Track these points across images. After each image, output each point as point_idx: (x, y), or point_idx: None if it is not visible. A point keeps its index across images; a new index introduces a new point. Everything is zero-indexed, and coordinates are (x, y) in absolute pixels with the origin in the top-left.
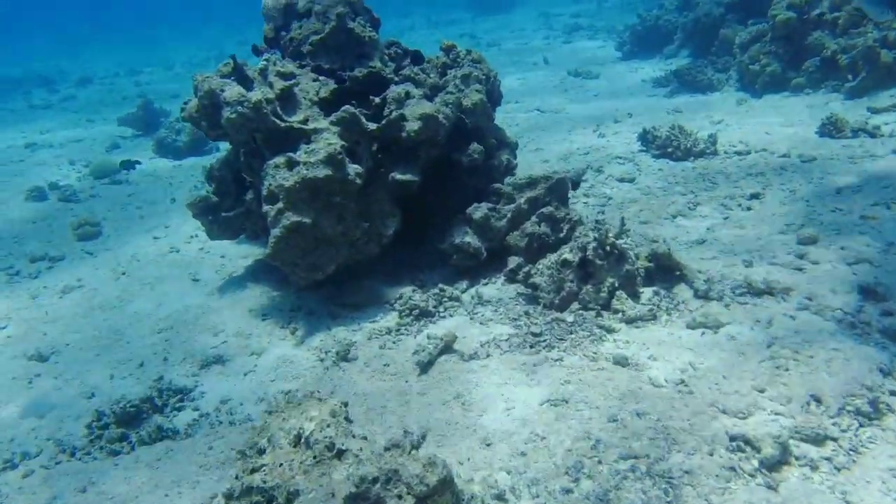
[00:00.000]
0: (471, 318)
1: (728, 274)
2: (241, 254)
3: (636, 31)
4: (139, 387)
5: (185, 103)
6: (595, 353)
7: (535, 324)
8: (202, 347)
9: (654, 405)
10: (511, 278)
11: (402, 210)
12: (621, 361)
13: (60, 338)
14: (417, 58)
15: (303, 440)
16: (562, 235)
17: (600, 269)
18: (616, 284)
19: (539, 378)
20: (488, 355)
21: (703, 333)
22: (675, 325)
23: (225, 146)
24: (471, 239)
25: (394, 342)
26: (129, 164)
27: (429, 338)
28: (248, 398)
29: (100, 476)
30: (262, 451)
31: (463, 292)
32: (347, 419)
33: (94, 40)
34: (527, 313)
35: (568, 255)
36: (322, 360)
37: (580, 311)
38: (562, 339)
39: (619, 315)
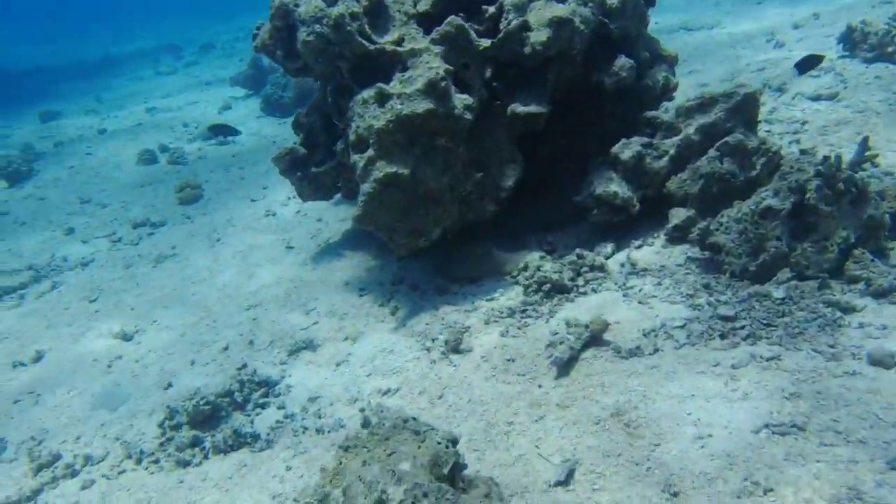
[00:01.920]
0: (624, 295)
1: None
2: (339, 216)
3: None
4: (221, 375)
5: (257, 29)
6: (833, 346)
7: (724, 302)
8: (291, 329)
9: None
10: (676, 238)
11: (526, 154)
12: (885, 361)
13: (147, 314)
14: None
15: None
16: (754, 174)
17: (827, 217)
18: (851, 238)
19: (745, 387)
20: (657, 350)
21: None
22: None
23: None
24: (617, 187)
25: (519, 328)
26: (220, 129)
27: (568, 324)
28: (340, 397)
29: (161, 497)
30: None
31: (608, 258)
32: (458, 466)
33: (221, 7)
34: (707, 286)
35: (772, 202)
36: (428, 351)
37: (793, 283)
38: (770, 326)
39: (862, 286)
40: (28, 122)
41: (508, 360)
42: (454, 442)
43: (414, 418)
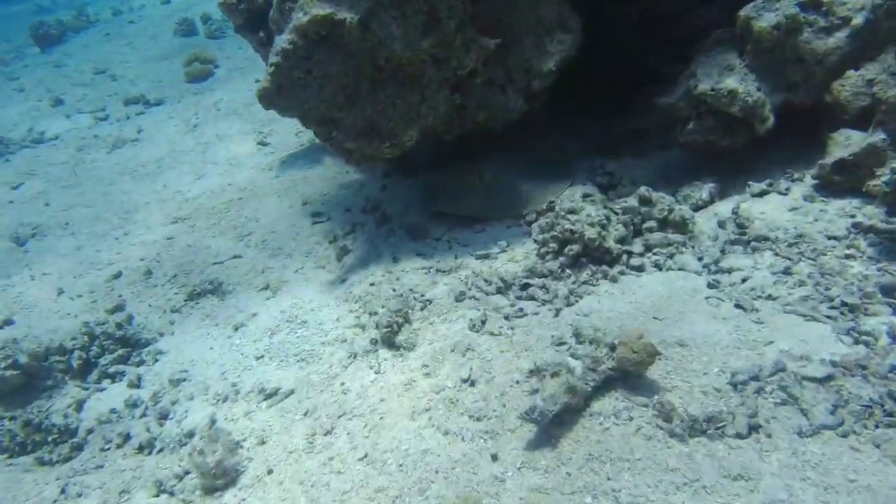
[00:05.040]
0: (711, 284)
1: None
2: None
3: None
4: (86, 316)
5: None
6: None
7: None
8: (205, 260)
9: None
10: (838, 183)
11: (590, 21)
12: None
13: (60, 213)
14: None
15: None
16: None
17: None
18: None
19: None
20: (754, 429)
21: None
22: None
23: None
24: (739, 82)
25: (507, 318)
26: None
27: (579, 335)
28: (210, 387)
29: None
30: None
31: (699, 208)
32: None
33: None
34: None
35: None
36: (362, 329)
37: None
38: None
39: None
40: None
41: (465, 382)
42: None
43: None
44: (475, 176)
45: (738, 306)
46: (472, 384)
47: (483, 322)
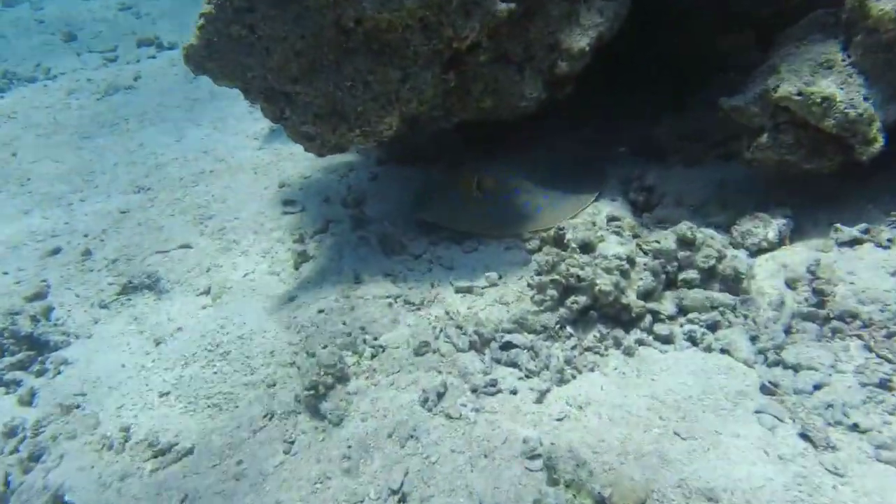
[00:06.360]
0: (766, 386)
1: None
2: None
3: None
4: (3, 301)
5: None
6: None
7: None
8: (151, 246)
9: None
10: None
11: None
12: None
13: (25, 167)
14: None
15: None
16: None
17: None
18: None
19: None
20: None
21: None
22: None
23: None
24: (838, 86)
25: (473, 391)
26: None
27: (552, 468)
28: (103, 423)
29: None
30: None
31: (761, 252)
32: None
33: None
34: None
35: None
36: (297, 370)
37: None
38: None
39: None
40: None
41: (393, 495)
42: None
43: None
44: (472, 180)
45: (804, 436)
46: (402, 500)
47: (440, 395)
